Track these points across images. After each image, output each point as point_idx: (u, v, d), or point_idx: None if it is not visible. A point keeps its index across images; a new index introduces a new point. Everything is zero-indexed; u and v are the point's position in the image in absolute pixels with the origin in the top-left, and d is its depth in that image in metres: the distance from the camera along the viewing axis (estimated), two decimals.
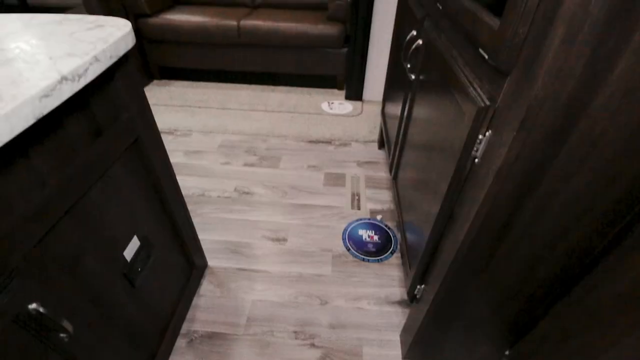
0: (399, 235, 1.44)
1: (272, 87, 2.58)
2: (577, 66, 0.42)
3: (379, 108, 2.34)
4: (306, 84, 2.59)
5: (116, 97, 0.71)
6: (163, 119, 2.16)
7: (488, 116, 0.56)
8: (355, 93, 2.40)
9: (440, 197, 0.73)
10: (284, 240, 1.40)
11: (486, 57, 0.56)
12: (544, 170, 0.52)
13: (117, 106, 0.72)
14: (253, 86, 2.59)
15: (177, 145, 1.94)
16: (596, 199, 0.56)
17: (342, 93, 2.52)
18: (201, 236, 1.40)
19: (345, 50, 2.36)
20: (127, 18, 2.35)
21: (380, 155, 1.90)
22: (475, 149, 0.59)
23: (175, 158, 1.83)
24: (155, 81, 2.66)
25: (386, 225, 1.49)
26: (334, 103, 2.38)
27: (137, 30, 2.40)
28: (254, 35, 2.31)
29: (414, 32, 1.06)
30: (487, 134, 0.56)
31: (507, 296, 0.76)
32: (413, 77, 1.04)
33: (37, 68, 0.53)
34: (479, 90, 0.58)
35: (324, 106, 2.34)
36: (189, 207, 1.54)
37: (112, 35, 0.66)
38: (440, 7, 0.82)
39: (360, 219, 1.52)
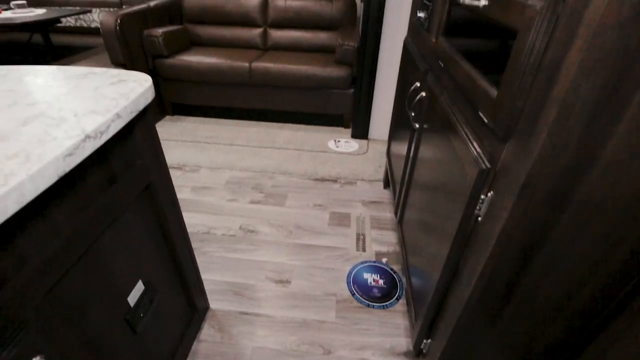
0: (404, 280, 1.42)
1: (280, 125, 2.66)
2: (571, 140, 0.44)
3: (384, 147, 2.39)
4: (314, 122, 2.67)
5: (133, 146, 0.75)
6: (173, 154, 2.22)
7: (489, 178, 0.57)
8: (361, 132, 2.46)
9: (446, 247, 0.73)
10: (288, 282, 1.38)
11: (485, 120, 0.58)
12: (546, 233, 0.53)
13: (133, 154, 0.76)
14: (262, 123, 2.68)
15: (186, 180, 1.98)
16: (600, 262, 0.56)
17: (349, 131, 2.58)
18: (204, 276, 1.40)
19: (352, 91, 2.45)
20: (146, 58, 2.49)
21: (386, 195, 1.91)
22: (477, 207, 0.60)
23: (183, 194, 1.86)
24: (167, 117, 2.76)
25: (392, 269, 1.47)
26: (341, 141, 2.43)
27: (154, 69, 2.54)
28: (265, 77, 2.42)
29: (418, 84, 1.10)
30: (489, 194, 0.57)
31: (517, 356, 0.74)
32: (417, 126, 1.07)
33: (63, 125, 0.56)
34: (479, 150, 0.61)
35: (331, 144, 2.39)
36: (194, 245, 1.54)
37: (134, 90, 0.70)
38: (442, 65, 0.87)
39: (366, 262, 1.50)
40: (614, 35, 0.36)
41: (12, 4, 2.61)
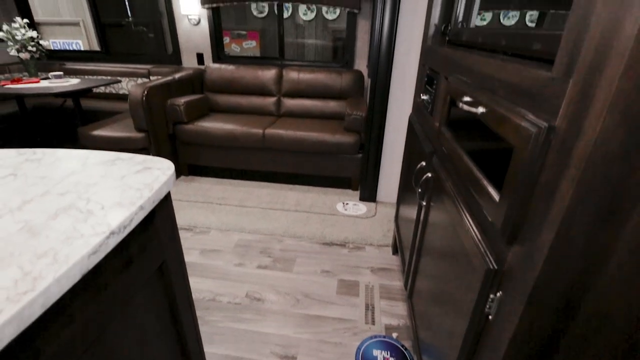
0: (416, 358, 1.34)
1: (290, 186, 2.72)
2: (575, 252, 0.45)
3: (392, 210, 2.41)
4: (323, 184, 2.73)
5: (152, 230, 0.78)
6: (185, 215, 2.26)
7: (497, 278, 0.58)
8: (369, 195, 2.50)
9: (458, 327, 0.71)
10: (294, 358, 1.32)
11: (490, 219, 0.60)
12: (557, 339, 0.52)
13: (151, 237, 0.79)
14: (273, 184, 2.75)
15: (195, 243, 1.99)
16: None
17: (357, 194, 2.62)
18: (207, 348, 1.35)
19: (360, 155, 2.54)
20: (167, 124, 2.66)
21: (395, 262, 1.88)
22: (487, 306, 0.60)
23: (191, 257, 1.87)
24: (182, 177, 2.87)
25: (402, 346, 1.40)
26: (349, 204, 2.46)
27: (173, 133, 2.70)
28: (278, 142, 2.55)
29: (424, 163, 1.15)
30: (498, 294, 0.58)
31: None
32: (424, 203, 1.10)
33: (90, 220, 0.60)
34: (485, 246, 0.62)
35: (339, 207, 2.42)
36: (198, 313, 1.51)
37: (157, 180, 0.75)
38: (446, 152, 0.92)
39: (375, 336, 1.44)
40: (604, 169, 0.39)
41: (50, 74, 2.89)
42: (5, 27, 2.77)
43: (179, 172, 2.88)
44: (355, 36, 2.97)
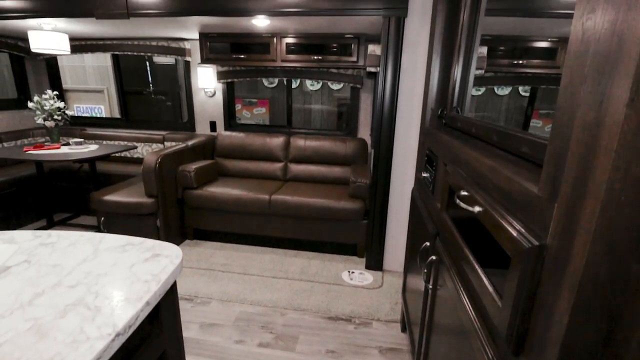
0: None
1: (295, 252, 2.70)
2: None
3: (400, 280, 2.34)
4: (328, 250, 2.71)
5: (156, 323, 0.78)
6: (186, 283, 2.22)
7: None
8: (375, 263, 2.46)
9: None
10: None
11: (495, 323, 0.60)
12: None
13: (153, 328, 0.78)
14: (277, 250, 2.73)
15: (195, 315, 1.93)
16: None
17: (363, 261, 2.58)
18: None
19: (365, 222, 2.55)
20: (176, 189, 2.74)
21: (404, 341, 1.78)
22: None
23: (189, 332, 1.79)
24: (187, 241, 2.87)
25: None
26: (355, 273, 2.42)
27: (182, 198, 2.76)
28: (283, 208, 2.59)
29: (427, 244, 1.16)
30: None
31: None
32: (430, 286, 1.08)
33: (97, 319, 0.61)
34: (493, 355, 0.60)
35: (344, 276, 2.37)
36: None
37: (165, 270, 0.77)
38: (448, 240, 0.94)
39: None
40: (597, 295, 0.41)
41: (71, 140, 3.07)
42: (36, 98, 3.02)
43: (184, 236, 2.89)
44: (359, 107, 3.17)
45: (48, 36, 2.58)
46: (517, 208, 0.56)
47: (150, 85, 5.38)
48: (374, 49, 2.24)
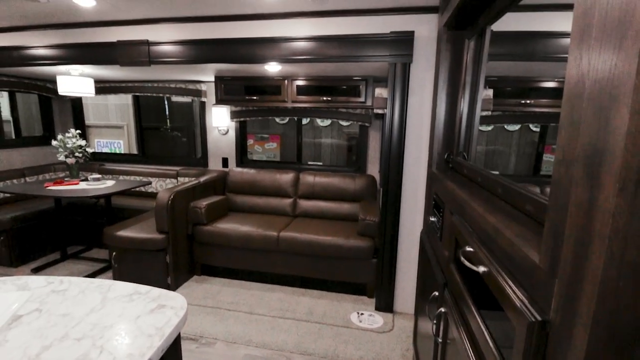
0: None
1: (303, 291, 2.65)
2: None
3: (410, 323, 2.26)
4: (336, 289, 2.65)
5: None
6: (192, 322, 2.19)
7: None
8: (385, 304, 2.39)
9: None
10: None
11: None
12: None
13: None
14: (285, 288, 2.69)
15: (199, 358, 1.88)
16: None
17: (373, 302, 2.51)
18: None
19: (375, 260, 2.51)
20: (187, 225, 2.77)
21: None
22: None
23: None
24: (195, 277, 2.86)
25: None
26: (364, 314, 2.34)
27: (192, 234, 2.79)
28: (291, 245, 2.58)
29: (436, 293, 1.14)
30: None
31: None
32: (440, 340, 1.05)
33: None
34: None
35: (354, 317, 2.30)
36: None
37: (169, 323, 0.77)
38: (457, 293, 0.92)
39: None
40: None
41: (89, 176, 3.18)
42: (60, 136, 3.18)
43: (192, 272, 2.88)
44: (367, 144, 3.22)
45: (75, 80, 2.76)
46: (520, 274, 0.56)
47: (167, 121, 5.62)
48: (381, 92, 2.32)
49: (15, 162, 3.52)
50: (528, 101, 1.44)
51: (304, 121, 5.21)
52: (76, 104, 3.94)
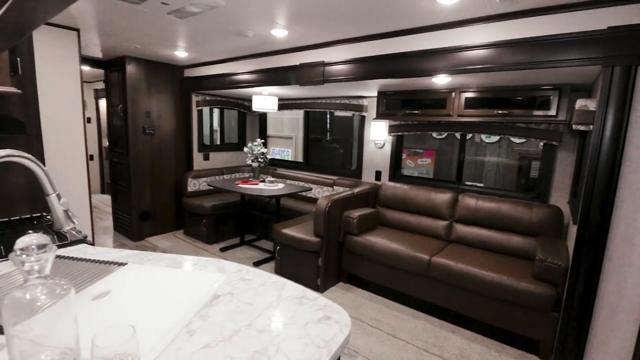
0: None
1: (453, 327, 2.35)
2: None
3: None
4: (497, 337, 2.23)
5: None
6: None
7: None
8: None
9: None
10: None
11: None
12: None
13: None
14: (431, 318, 2.45)
15: None
16: None
17: None
18: None
19: (556, 314, 1.99)
20: (339, 233, 2.90)
21: None
22: None
23: None
24: (340, 283, 2.96)
25: None
26: None
27: (342, 242, 2.90)
28: (444, 273, 2.33)
29: None
30: None
31: None
32: None
33: None
34: None
35: None
36: None
37: (335, 339, 0.76)
38: None
39: None
40: None
41: (266, 178, 3.76)
42: (249, 144, 3.91)
43: (339, 278, 2.99)
44: (553, 168, 2.62)
45: (265, 99, 3.33)
46: None
47: (328, 133, 6.15)
48: (586, 103, 1.82)
49: (218, 162, 4.54)
50: None
51: (467, 136, 4.74)
52: (262, 118, 4.77)
